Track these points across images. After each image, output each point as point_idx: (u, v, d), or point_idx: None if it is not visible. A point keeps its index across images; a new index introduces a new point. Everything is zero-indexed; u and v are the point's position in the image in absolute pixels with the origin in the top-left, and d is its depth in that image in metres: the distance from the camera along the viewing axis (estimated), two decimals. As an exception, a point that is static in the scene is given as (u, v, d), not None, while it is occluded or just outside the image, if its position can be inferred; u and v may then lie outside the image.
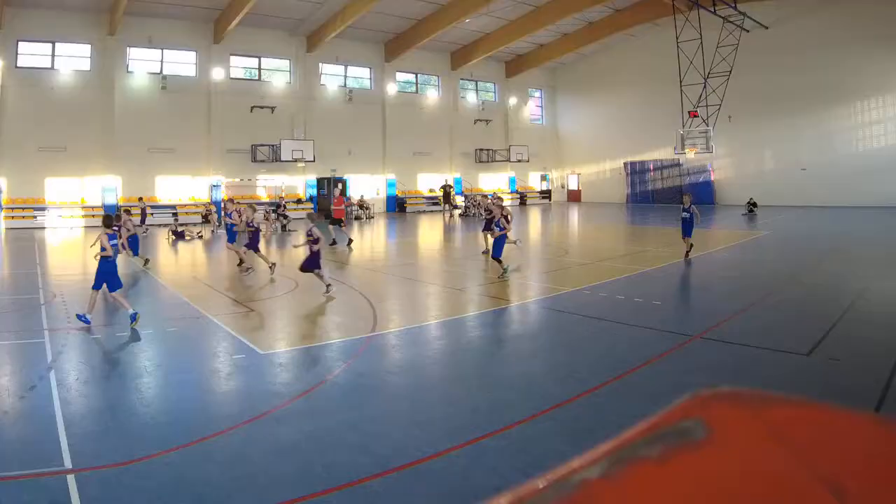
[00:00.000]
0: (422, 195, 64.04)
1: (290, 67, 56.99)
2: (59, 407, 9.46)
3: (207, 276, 24.22)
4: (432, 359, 12.74)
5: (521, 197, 70.31)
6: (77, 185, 47.96)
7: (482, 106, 68.81)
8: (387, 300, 18.64)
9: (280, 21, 52.52)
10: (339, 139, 57.51)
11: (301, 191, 56.97)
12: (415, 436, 8.53)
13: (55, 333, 14.23)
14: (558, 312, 16.51)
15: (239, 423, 8.96)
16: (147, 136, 49.36)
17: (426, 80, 65.94)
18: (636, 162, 67.41)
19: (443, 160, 65.45)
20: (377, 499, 7.01)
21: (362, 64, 60.91)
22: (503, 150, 68.08)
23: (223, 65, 52.85)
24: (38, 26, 45.72)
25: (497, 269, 21.33)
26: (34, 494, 6.99)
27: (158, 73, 50.76)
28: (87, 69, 48.25)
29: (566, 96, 74.59)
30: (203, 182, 52.33)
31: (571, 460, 0.97)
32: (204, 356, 12.89)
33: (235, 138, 52.87)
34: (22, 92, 45.51)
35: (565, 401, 9.64)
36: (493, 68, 68.85)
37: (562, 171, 75.76)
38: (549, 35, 61.85)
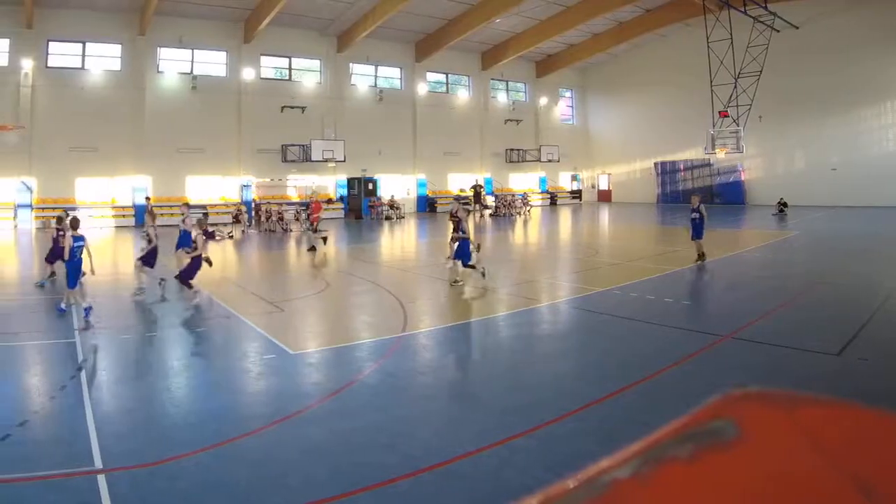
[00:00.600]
0: (452, 195, 63.14)
1: (321, 67, 57.04)
2: (89, 407, 9.48)
3: (238, 276, 24.27)
4: (462, 359, 12.80)
5: (551, 197, 70.21)
6: (107, 185, 48.15)
7: (513, 106, 68.64)
8: (417, 300, 18.58)
9: (310, 21, 52.58)
10: (369, 139, 57.44)
11: (331, 191, 56.97)
12: (445, 436, 8.54)
13: (86, 333, 14.27)
14: (588, 312, 16.48)
15: (269, 423, 8.95)
16: (177, 136, 49.53)
17: (456, 79, 65.89)
18: (667, 162, 67.18)
19: (473, 160, 65.32)
20: (407, 499, 7.00)
21: (393, 64, 60.90)
22: (533, 150, 67.89)
23: (254, 65, 52.98)
24: (69, 26, 45.92)
25: (463, 274, 21.00)
26: (64, 494, 7.01)
27: (189, 73, 50.88)
28: (117, 69, 48.47)
29: (596, 96, 74.33)
30: (233, 182, 52.45)
31: (601, 460, 0.96)
32: (234, 356, 12.89)
33: (266, 138, 52.93)
34: (52, 92, 45.72)
35: (595, 401, 9.60)
36: (523, 68, 68.60)
37: (592, 171, 75.54)
38: (579, 35, 61.63)
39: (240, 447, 8.22)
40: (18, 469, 7.48)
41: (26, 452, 8.02)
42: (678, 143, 64.27)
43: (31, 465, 7.64)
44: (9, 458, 7.78)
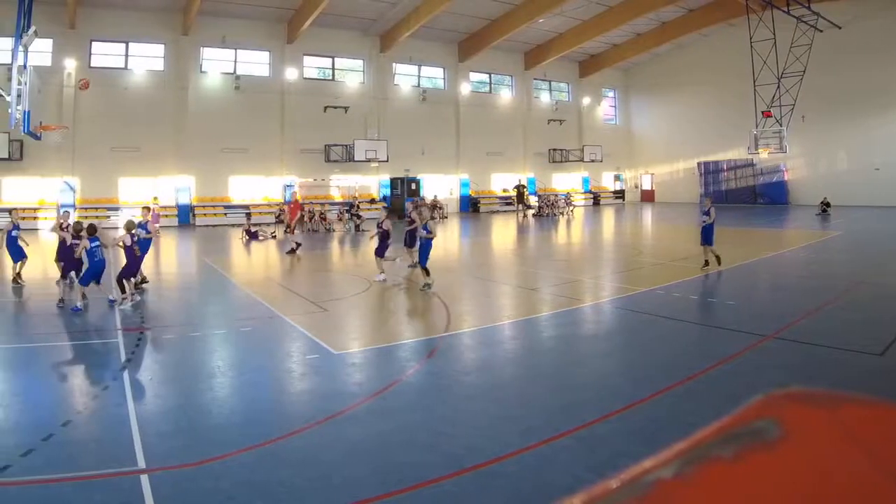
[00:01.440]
0: (495, 195, 63.86)
1: (364, 67, 57.14)
2: (132, 407, 9.55)
3: (281, 277, 24.38)
4: (505, 359, 12.72)
5: (594, 197, 70.04)
6: (150, 185, 48.43)
7: (556, 106, 68.42)
8: (460, 300, 18.59)
9: (353, 21, 52.66)
10: (412, 139, 57.47)
11: (374, 191, 57.04)
12: (488, 436, 8.50)
13: (129, 333, 14.36)
14: (631, 312, 16.43)
15: (312, 423, 8.97)
16: (220, 136, 49.80)
17: (499, 79, 65.71)
18: (710, 162, 66.78)
19: (516, 160, 65.12)
20: (450, 499, 7.01)
21: (436, 64, 60.88)
22: (576, 150, 67.68)
23: (297, 65, 53.14)
24: (112, 26, 46.29)
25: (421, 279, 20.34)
26: (108, 494, 7.05)
27: (232, 74, 51.19)
28: (160, 69, 48.85)
29: (639, 96, 74.00)
30: (276, 182, 52.61)
31: (644, 460, 0.94)
32: (277, 356, 12.92)
33: (309, 138, 53.09)
34: (95, 92, 45.97)
35: (638, 401, 9.58)
36: (566, 68, 68.34)
37: (635, 170, 75.19)
38: (622, 35, 61.44)
39: (283, 447, 8.23)
40: (62, 469, 7.53)
41: (69, 452, 8.07)
42: (721, 142, 63.93)
43: (75, 464, 7.69)
44: (52, 457, 7.83)
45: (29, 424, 8.98)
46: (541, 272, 22.25)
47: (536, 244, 35.60)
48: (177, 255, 32.84)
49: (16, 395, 10.37)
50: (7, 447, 8.05)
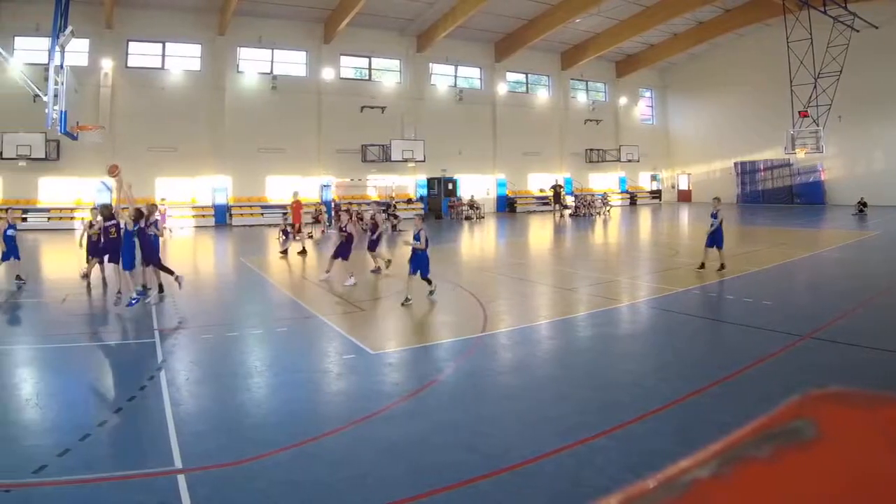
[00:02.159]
0: (532, 195, 63.79)
1: (401, 67, 57.26)
2: (169, 407, 9.59)
3: (317, 276, 24.42)
4: (542, 359, 12.72)
5: (631, 197, 69.83)
6: (187, 184, 48.78)
7: (592, 106, 68.30)
8: (497, 300, 18.55)
9: (390, 21, 52.78)
10: (449, 139, 57.50)
11: (411, 191, 57.18)
12: (524, 436, 8.51)
13: (165, 333, 14.47)
14: (668, 312, 16.40)
15: (349, 423, 8.98)
16: (257, 136, 50.05)
17: (536, 79, 65.68)
18: (746, 162, 66.47)
19: (553, 160, 65.05)
20: (487, 499, 7.00)
21: (472, 64, 60.89)
22: (613, 150, 67.53)
23: (333, 65, 53.36)
24: (149, 26, 46.60)
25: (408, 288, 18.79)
26: (144, 494, 7.07)
27: (269, 73, 51.39)
28: (197, 69, 49.23)
29: (676, 96, 73.70)
30: (313, 182, 52.64)
31: (681, 460, 0.93)
32: (314, 356, 12.96)
33: (345, 138, 53.25)
34: (132, 92, 46.38)
35: (674, 401, 9.57)
36: (603, 68, 68.18)
37: (672, 170, 74.98)
38: (659, 35, 61.29)
39: (319, 447, 8.26)
40: (98, 469, 7.57)
41: (106, 452, 8.17)
42: (758, 142, 63.55)
43: (111, 464, 7.76)
44: (89, 457, 7.87)
45: (65, 424, 9.03)
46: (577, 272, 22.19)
47: (573, 244, 35.58)
48: (214, 255, 33.01)
49: (52, 395, 10.40)
50: (44, 447, 8.11)
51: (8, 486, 7.12)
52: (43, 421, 9.34)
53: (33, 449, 8.09)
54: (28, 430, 8.94)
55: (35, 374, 11.77)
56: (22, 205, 43.53)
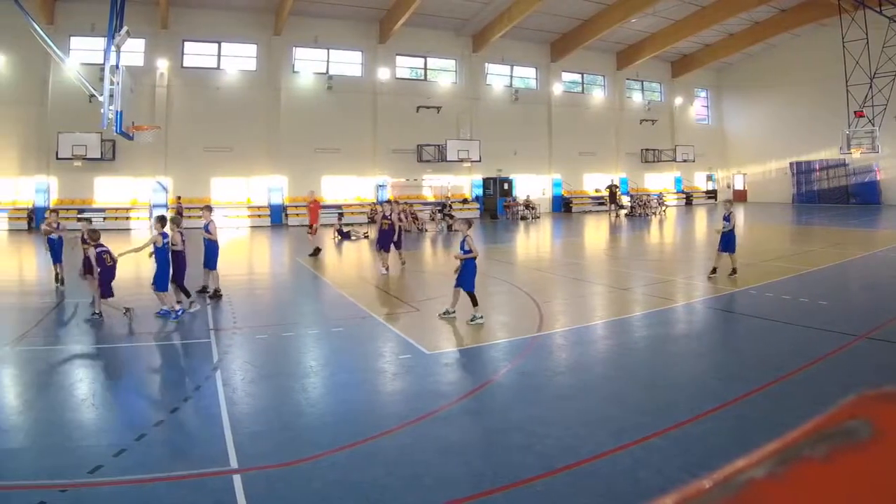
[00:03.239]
0: (587, 195, 63.68)
1: (456, 67, 57.42)
2: (224, 407, 9.65)
3: (373, 277, 24.47)
4: (598, 359, 12.70)
5: (686, 197, 69.54)
6: (243, 185, 49.17)
7: (648, 106, 68.10)
8: (552, 300, 18.52)
9: (445, 21, 52.94)
10: (504, 139, 57.48)
11: (467, 191, 57.30)
12: (580, 436, 8.48)
13: (221, 333, 14.57)
14: (724, 312, 16.45)
15: (405, 423, 8.99)
16: (313, 136, 50.39)
17: (592, 79, 65.57)
18: (802, 162, 65.92)
19: (608, 160, 64.90)
20: (543, 499, 6.96)
21: (528, 64, 60.85)
22: (669, 150, 67.26)
23: (389, 64, 53.60)
24: (204, 26, 47.20)
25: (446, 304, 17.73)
26: (200, 494, 7.12)
27: (324, 73, 51.79)
28: (252, 69, 49.69)
29: (732, 96, 73.14)
30: (369, 182, 53.05)
31: (737, 460, 0.93)
32: (370, 356, 12.97)
33: (401, 138, 53.49)
34: (188, 92, 46.89)
35: (730, 401, 9.53)
36: (658, 68, 67.91)
37: (727, 170, 74.40)
38: (714, 35, 60.90)
39: (375, 447, 8.26)
40: (154, 469, 7.61)
41: (162, 452, 8.19)
42: (813, 142, 63.03)
43: (167, 464, 7.78)
44: (145, 458, 7.92)
45: (121, 424, 9.12)
46: (633, 272, 22.11)
47: (628, 244, 35.51)
48: (269, 255, 33.19)
49: (108, 395, 10.50)
50: (100, 447, 8.17)
51: (64, 486, 7.16)
52: (99, 421, 9.41)
53: (89, 449, 8.15)
54: (84, 431, 9.00)
55: (90, 375, 11.90)
56: (77, 204, 44.15)
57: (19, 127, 43.98)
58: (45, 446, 8.36)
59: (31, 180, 44.35)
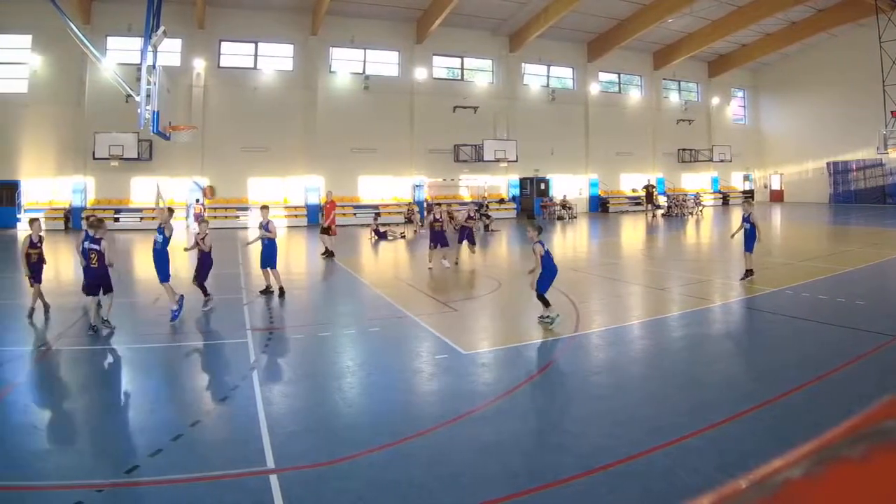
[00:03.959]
0: (624, 195, 63.70)
1: (493, 67, 57.57)
2: (261, 407, 9.68)
3: (410, 276, 24.48)
4: (634, 359, 12.67)
5: (723, 197, 69.44)
6: (279, 185, 49.41)
7: (685, 106, 68.06)
8: (589, 300, 18.49)
9: (482, 21, 53.11)
10: (541, 139, 57.65)
11: (504, 190, 57.33)
12: (617, 436, 8.46)
13: (258, 333, 14.62)
14: (760, 312, 16.37)
15: (441, 422, 9.02)
16: (349, 136, 50.62)
17: (628, 79, 65.61)
18: (838, 162, 65.66)
19: (645, 160, 64.89)
20: (579, 499, 6.96)
21: (565, 64, 60.97)
22: (706, 150, 67.19)
23: (426, 65, 53.82)
24: (241, 26, 47.59)
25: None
26: (238, 494, 7.13)
27: (361, 73, 52.00)
28: (289, 69, 49.97)
29: (768, 96, 72.91)
30: (405, 182, 53.27)
31: (773, 460, 0.97)
32: (406, 356, 12.99)
33: (438, 138, 53.71)
34: (224, 92, 47.23)
35: (767, 401, 9.49)
36: (695, 68, 67.83)
37: (764, 171, 74.15)
38: (751, 35, 60.81)
39: (412, 447, 8.28)
40: (191, 469, 7.64)
41: (199, 452, 8.20)
42: (850, 142, 62.72)
43: (204, 464, 7.80)
44: (181, 458, 7.97)
45: (158, 425, 9.13)
46: (669, 272, 22.05)
47: (665, 244, 35.42)
48: (306, 255, 33.25)
49: (145, 396, 10.60)
50: (136, 447, 8.26)
51: (100, 486, 7.19)
52: (135, 421, 9.50)
53: (125, 449, 8.26)
54: (120, 431, 9.08)
55: (127, 375, 12.01)
56: (114, 204, 44.57)
57: (56, 127, 44.46)
58: (81, 446, 8.47)
59: (69, 180, 44.88)
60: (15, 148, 44.34)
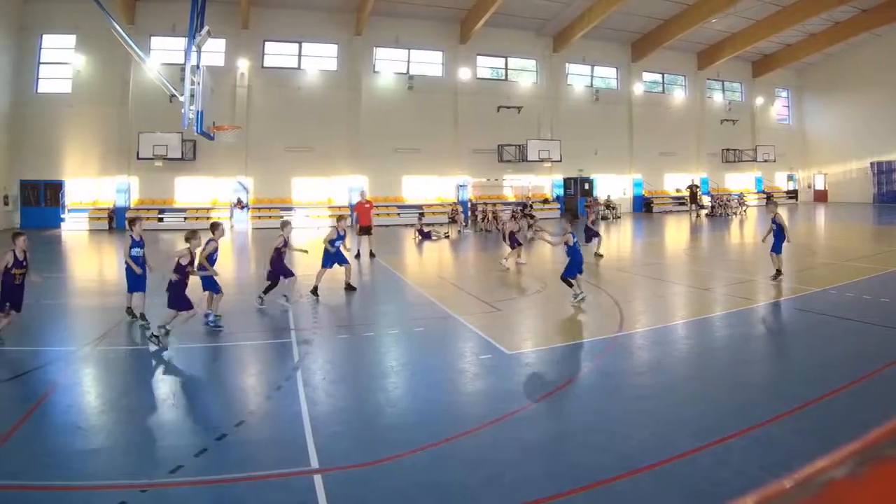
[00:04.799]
0: (668, 195, 63.51)
1: (537, 67, 57.43)
2: (305, 407, 9.74)
3: (454, 276, 24.50)
4: (678, 359, 12.66)
5: (767, 197, 68.08)
6: (323, 185, 49.56)
7: (729, 106, 67.61)
8: (633, 300, 18.48)
9: (526, 21, 53.08)
10: (585, 139, 57.51)
11: (547, 190, 57.32)
12: (660, 436, 8.48)
13: (302, 333, 14.67)
14: (805, 312, 16.31)
15: (485, 423, 9.02)
16: (393, 136, 50.76)
17: (672, 79, 65.32)
18: (882, 162, 65.15)
19: (689, 160, 64.55)
20: (623, 499, 6.97)
21: (608, 64, 60.81)
22: (749, 150, 66.79)
23: (470, 65, 53.84)
24: (285, 26, 47.81)
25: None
26: (282, 494, 7.18)
27: (405, 74, 52.09)
28: (333, 69, 50.09)
29: (812, 96, 72.37)
30: (449, 182, 53.35)
31: (818, 460, 0.98)
32: (450, 356, 13.02)
33: (481, 138, 53.70)
34: (268, 92, 47.47)
35: (811, 401, 9.49)
36: (739, 68, 67.37)
37: (808, 171, 73.62)
38: (795, 35, 60.38)
39: (456, 447, 8.34)
40: (235, 469, 7.73)
41: (243, 452, 8.26)
42: (894, 142, 62.49)
43: (248, 464, 7.86)
44: (226, 458, 8.09)
45: (203, 425, 9.28)
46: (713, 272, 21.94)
47: (709, 244, 35.26)
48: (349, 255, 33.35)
49: (190, 396, 10.66)
50: (181, 447, 8.28)
51: (144, 486, 7.24)
52: (180, 421, 9.59)
53: (169, 449, 8.32)
54: (165, 431, 9.18)
55: (171, 375, 12.05)
56: (158, 204, 44.86)
57: (100, 127, 44.92)
58: (125, 446, 8.49)
59: (113, 180, 45.28)
60: (59, 148, 44.85)
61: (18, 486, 7.27)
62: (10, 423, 8.99)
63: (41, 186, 45.37)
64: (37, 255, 16.08)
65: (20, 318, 13.84)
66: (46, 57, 45.02)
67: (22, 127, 43.90)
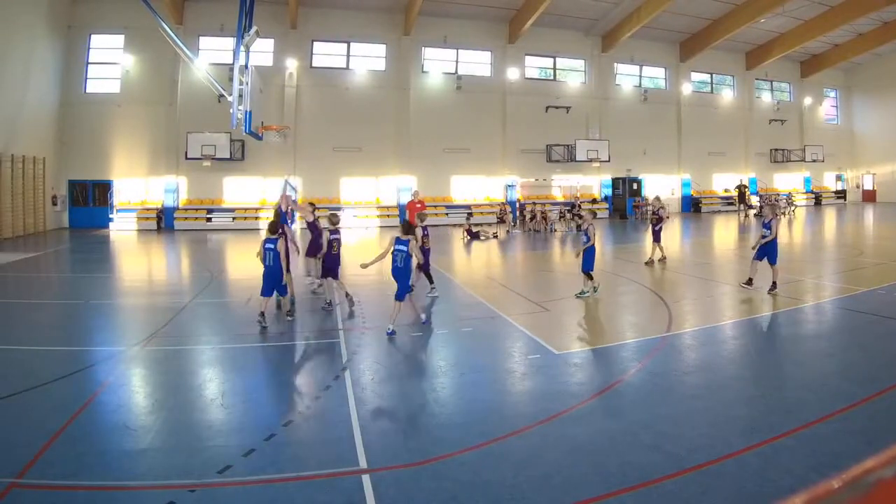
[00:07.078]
0: (716, 195, 63.15)
1: (585, 67, 57.34)
2: (354, 407, 9.80)
3: (502, 276, 24.46)
4: (727, 359, 12.63)
5: (815, 197, 68.54)
6: (372, 184, 49.70)
7: (777, 106, 67.22)
8: (682, 300, 18.46)
9: (575, 21, 53.08)
10: (633, 139, 57.47)
11: (596, 190, 57.22)
12: (709, 436, 8.49)
13: (350, 333, 14.73)
14: (853, 312, 16.19)
15: (534, 423, 9.06)
16: (442, 136, 50.91)
17: (721, 79, 64.97)
18: (931, 162, 63.94)
19: (737, 160, 64.20)
20: (672, 499, 6.96)
21: (657, 64, 60.68)
22: (798, 150, 66.34)
23: (518, 64, 53.85)
24: (333, 26, 47.97)
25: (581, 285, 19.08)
26: (330, 494, 7.21)
27: (453, 73, 52.13)
28: (381, 69, 50.19)
29: (861, 96, 71.88)
30: (497, 182, 53.34)
31: (866, 460, 0.97)
32: (499, 356, 13.06)
33: (530, 138, 53.74)
34: (317, 92, 47.64)
35: (860, 401, 9.48)
36: (787, 68, 66.99)
37: (856, 171, 73.13)
38: (844, 35, 59.96)
39: (505, 447, 8.34)
40: (284, 469, 7.77)
41: (291, 452, 8.30)
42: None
43: (296, 464, 7.89)
44: (274, 457, 8.12)
45: (251, 425, 9.33)
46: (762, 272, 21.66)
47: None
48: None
49: (238, 396, 10.67)
50: (230, 447, 8.39)
51: (193, 486, 7.31)
52: (229, 421, 9.62)
53: (218, 449, 8.40)
54: (213, 431, 9.25)
55: (220, 375, 12.07)
56: (206, 204, 45.15)
57: (149, 127, 45.39)
58: (174, 446, 8.55)
59: (161, 180, 45.74)
60: (107, 148, 45.37)
61: (66, 486, 7.31)
62: (59, 422, 9.07)
63: (90, 186, 45.91)
64: (86, 255, 16.27)
65: (68, 318, 14.01)
66: (95, 57, 45.57)
67: (70, 127, 44.45)
